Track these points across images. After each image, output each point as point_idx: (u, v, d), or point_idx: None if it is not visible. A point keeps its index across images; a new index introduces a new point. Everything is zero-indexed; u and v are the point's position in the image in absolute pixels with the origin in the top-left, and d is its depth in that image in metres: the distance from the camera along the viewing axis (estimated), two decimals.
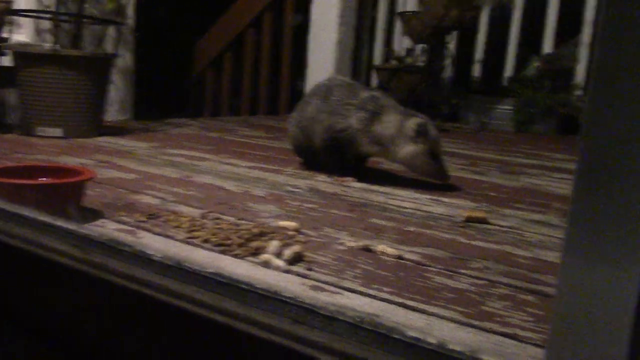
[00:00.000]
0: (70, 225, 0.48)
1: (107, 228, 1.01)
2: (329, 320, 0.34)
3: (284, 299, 0.36)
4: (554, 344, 0.38)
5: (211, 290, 0.37)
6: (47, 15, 2.25)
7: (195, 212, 1.15)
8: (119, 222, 1.06)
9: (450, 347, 0.32)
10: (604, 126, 0.35)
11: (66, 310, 0.53)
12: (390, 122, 1.52)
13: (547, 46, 3.36)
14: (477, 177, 1.79)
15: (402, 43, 3.66)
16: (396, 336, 0.33)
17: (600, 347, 0.36)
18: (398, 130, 1.51)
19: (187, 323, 0.41)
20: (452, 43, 3.39)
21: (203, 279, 0.38)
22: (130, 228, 1.03)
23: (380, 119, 1.54)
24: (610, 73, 0.35)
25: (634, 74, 0.34)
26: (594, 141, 0.35)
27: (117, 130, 2.29)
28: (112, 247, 0.43)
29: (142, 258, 0.41)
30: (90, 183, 1.15)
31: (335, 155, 1.61)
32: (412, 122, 1.50)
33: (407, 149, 1.50)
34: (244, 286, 0.37)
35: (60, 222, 0.47)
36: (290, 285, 0.76)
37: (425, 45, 3.39)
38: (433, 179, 1.56)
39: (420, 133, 1.49)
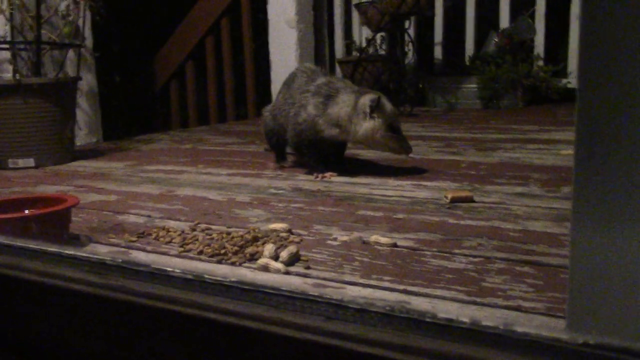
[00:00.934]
0: (83, 253, 0.48)
1: (99, 252, 1.00)
2: (360, 312, 0.35)
3: (311, 298, 0.37)
4: (574, 314, 0.39)
5: (236, 298, 0.38)
6: (5, 46, 2.21)
7: (184, 226, 1.15)
8: (109, 244, 1.06)
9: (484, 323, 0.33)
10: (599, 92, 0.36)
11: (82, 337, 0.54)
12: (345, 102, 1.54)
13: (504, 21, 3.40)
14: (454, 157, 1.81)
15: (362, 34, 3.68)
16: (429, 319, 0.34)
17: (619, 311, 0.38)
18: (353, 108, 1.53)
19: (215, 332, 0.41)
20: (411, 28, 3.41)
21: (226, 288, 0.39)
22: (122, 249, 1.03)
23: (335, 101, 1.55)
24: (600, 39, 0.36)
25: (624, 38, 0.35)
26: (590, 109, 0.36)
27: (89, 154, 2.27)
28: (128, 269, 0.43)
29: (160, 275, 0.42)
30: (73, 209, 1.15)
31: (308, 150, 1.62)
32: (366, 98, 1.52)
33: (366, 126, 1.52)
34: (269, 290, 0.38)
35: (70, 251, 0.47)
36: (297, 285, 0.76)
37: (384, 34, 3.41)
38: (395, 153, 1.58)
39: (375, 108, 1.51)
